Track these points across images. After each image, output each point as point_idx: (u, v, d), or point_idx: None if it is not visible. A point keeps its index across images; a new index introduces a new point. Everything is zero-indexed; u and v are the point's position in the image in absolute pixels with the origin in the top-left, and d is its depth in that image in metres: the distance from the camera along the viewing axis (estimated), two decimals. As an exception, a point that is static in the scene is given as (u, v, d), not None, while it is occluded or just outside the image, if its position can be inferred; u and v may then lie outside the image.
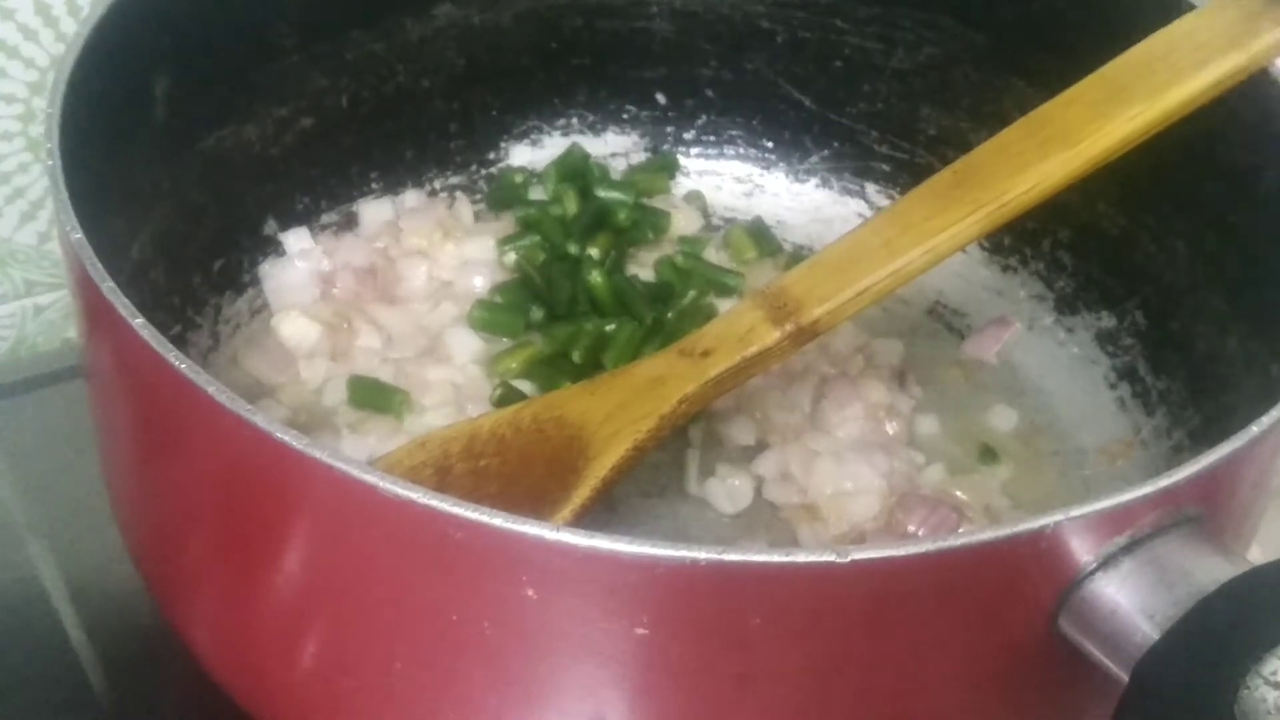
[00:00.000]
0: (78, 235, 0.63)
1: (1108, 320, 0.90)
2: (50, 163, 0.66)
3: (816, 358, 0.89)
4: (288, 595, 0.62)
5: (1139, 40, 0.84)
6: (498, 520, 0.53)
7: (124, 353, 0.63)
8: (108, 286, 0.61)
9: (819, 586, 0.54)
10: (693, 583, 0.54)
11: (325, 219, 0.93)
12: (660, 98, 0.99)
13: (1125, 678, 0.56)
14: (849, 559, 0.53)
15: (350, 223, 0.94)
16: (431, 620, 0.58)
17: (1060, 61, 0.87)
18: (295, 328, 0.87)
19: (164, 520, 0.70)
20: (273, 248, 0.90)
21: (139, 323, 0.59)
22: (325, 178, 0.93)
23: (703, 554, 0.53)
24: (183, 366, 0.58)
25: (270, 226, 0.90)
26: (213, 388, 0.57)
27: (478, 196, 0.97)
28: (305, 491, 0.58)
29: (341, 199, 0.94)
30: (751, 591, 0.55)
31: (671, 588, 0.54)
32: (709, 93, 0.99)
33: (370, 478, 0.54)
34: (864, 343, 0.90)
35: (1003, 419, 0.89)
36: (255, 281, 0.89)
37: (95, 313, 0.64)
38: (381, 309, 0.89)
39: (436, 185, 0.96)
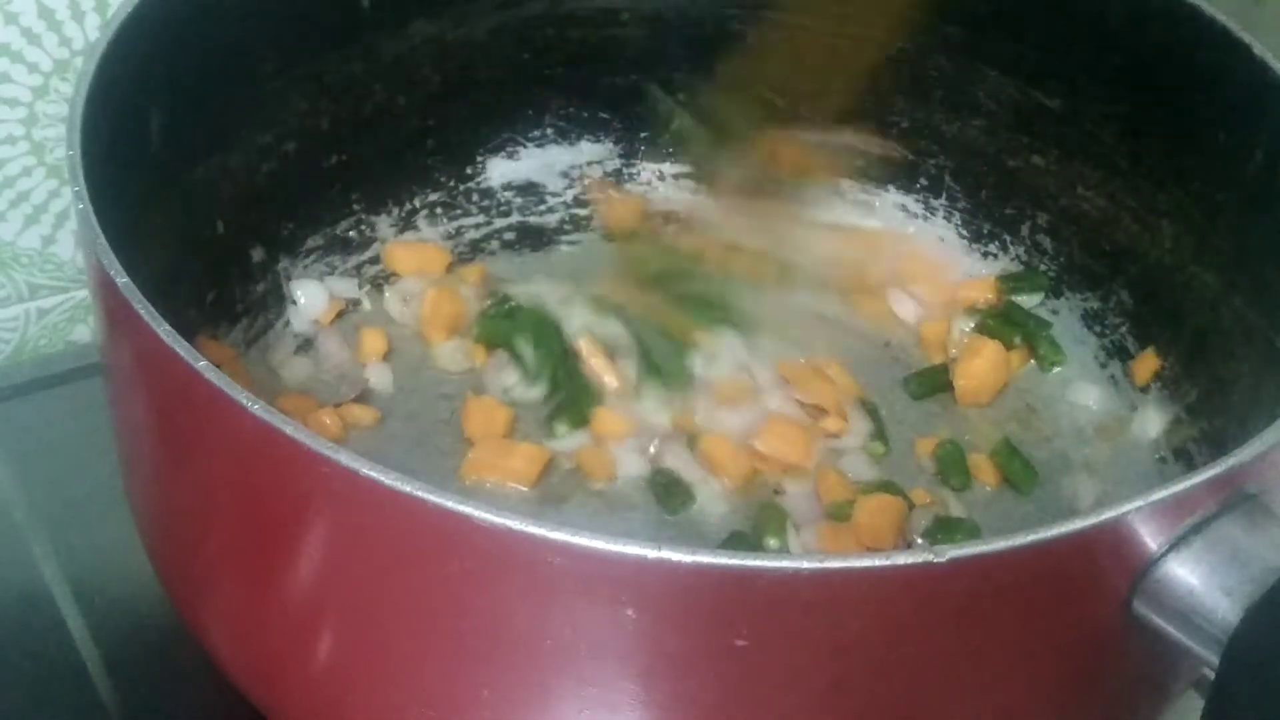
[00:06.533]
0: (124, 280, 0.62)
1: (1093, 301, 0.92)
2: (80, 206, 0.65)
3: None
4: (380, 646, 0.62)
5: (1111, 30, 0.86)
6: (599, 543, 0.53)
7: (170, 386, 0.63)
8: (165, 330, 0.60)
9: (917, 587, 0.55)
10: (795, 592, 0.54)
11: (310, 243, 0.92)
12: (633, 104, 0.99)
13: (1206, 654, 0.58)
14: (946, 558, 0.54)
15: (334, 246, 0.93)
16: (523, 647, 0.58)
17: (1035, 51, 0.89)
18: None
19: (200, 541, 0.69)
20: (261, 275, 0.89)
21: (203, 365, 0.58)
22: (307, 201, 0.92)
23: (806, 563, 0.54)
24: (255, 408, 0.57)
25: (258, 254, 0.89)
26: (289, 428, 0.56)
27: (456, 212, 0.97)
28: (389, 526, 0.57)
29: (324, 222, 0.93)
30: (851, 597, 0.55)
31: (773, 598, 0.55)
32: (681, 96, 0.99)
33: (465, 508, 0.54)
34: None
35: (998, 402, 0.91)
36: (249, 311, 0.88)
37: (142, 353, 0.63)
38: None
39: (416, 203, 0.96)
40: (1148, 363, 0.88)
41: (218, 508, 0.65)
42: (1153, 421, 0.87)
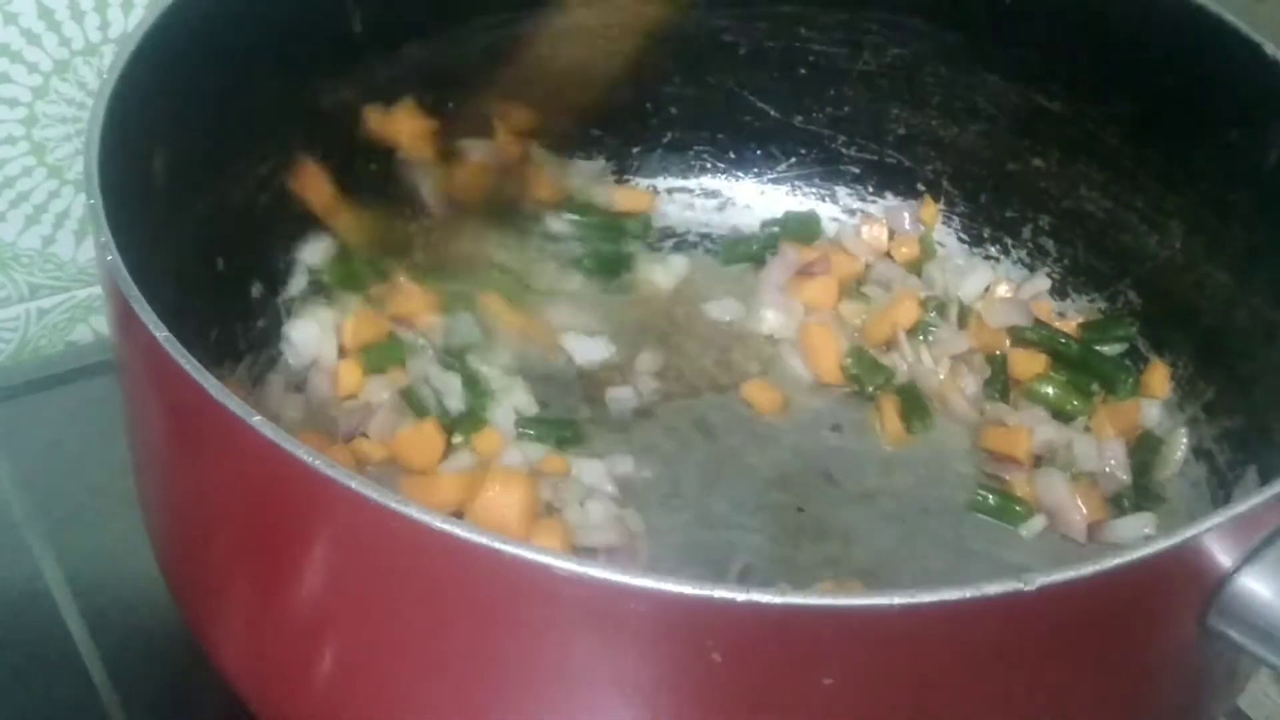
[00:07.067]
0: (164, 333, 0.60)
1: (1100, 302, 0.92)
2: (110, 257, 0.63)
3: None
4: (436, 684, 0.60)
5: (1112, 30, 0.86)
6: (686, 589, 0.52)
7: (191, 417, 0.61)
8: (210, 381, 0.58)
9: (1006, 616, 0.54)
10: (884, 629, 0.54)
11: (307, 276, 0.90)
12: (625, 118, 0.97)
13: (1289, 667, 0.58)
14: (1036, 586, 0.53)
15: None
16: (604, 697, 0.57)
17: (1037, 54, 0.89)
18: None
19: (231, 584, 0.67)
20: (261, 311, 0.87)
21: (256, 420, 0.56)
22: (303, 232, 0.90)
23: (897, 599, 0.53)
24: (302, 454, 0.55)
25: (256, 289, 0.87)
26: (325, 465, 0.55)
27: (452, 235, 0.95)
28: (452, 573, 0.55)
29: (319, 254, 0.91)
30: (939, 629, 0.54)
31: (862, 636, 0.54)
32: (673, 110, 0.98)
33: (545, 558, 0.53)
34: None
35: (1013, 410, 0.91)
36: (251, 348, 0.86)
37: (176, 403, 0.62)
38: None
39: (411, 229, 0.94)
40: (1158, 373, 0.88)
41: (233, 534, 0.64)
42: (1171, 422, 0.87)
